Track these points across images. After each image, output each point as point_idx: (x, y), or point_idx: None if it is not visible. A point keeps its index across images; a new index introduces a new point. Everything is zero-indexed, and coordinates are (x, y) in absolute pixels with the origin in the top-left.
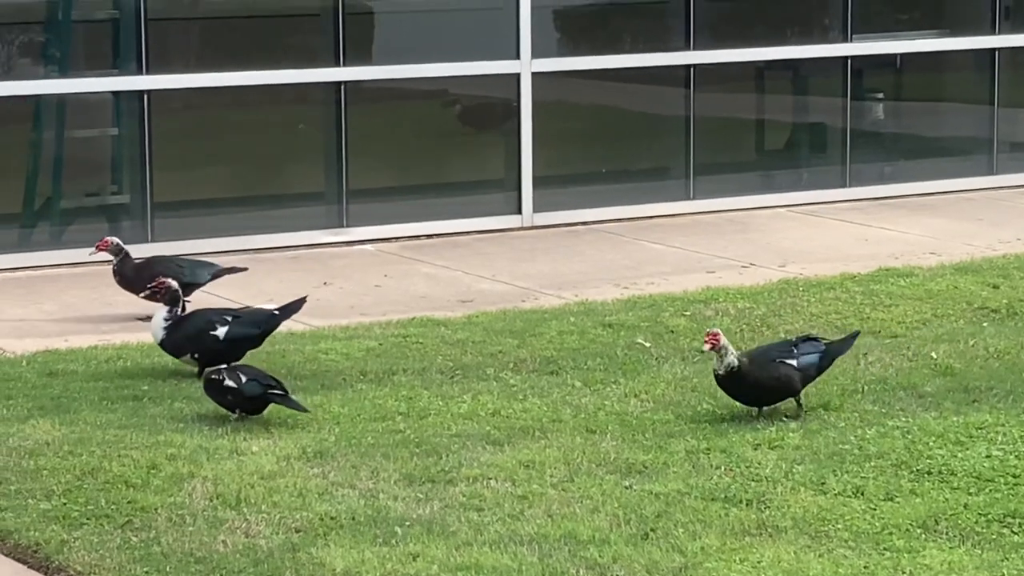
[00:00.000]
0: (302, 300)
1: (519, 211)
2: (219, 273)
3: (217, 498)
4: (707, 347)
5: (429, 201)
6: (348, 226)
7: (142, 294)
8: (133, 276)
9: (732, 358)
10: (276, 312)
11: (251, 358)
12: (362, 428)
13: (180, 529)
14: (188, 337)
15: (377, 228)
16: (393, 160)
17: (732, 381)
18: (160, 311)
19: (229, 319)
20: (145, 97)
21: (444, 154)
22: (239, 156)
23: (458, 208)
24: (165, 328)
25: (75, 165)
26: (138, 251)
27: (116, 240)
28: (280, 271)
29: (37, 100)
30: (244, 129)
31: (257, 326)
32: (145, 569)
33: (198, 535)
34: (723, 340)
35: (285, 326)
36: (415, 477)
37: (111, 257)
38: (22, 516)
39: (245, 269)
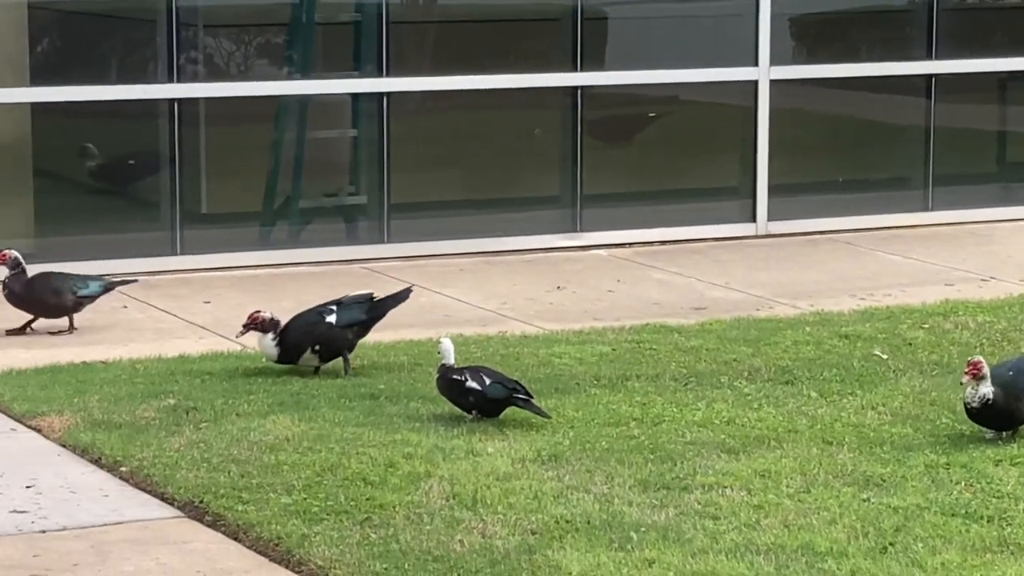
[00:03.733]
0: (407, 290)
1: (754, 219)
2: (110, 287)
3: (453, 498)
4: (967, 378)
5: (663, 207)
6: (582, 231)
7: (238, 335)
8: (22, 291)
9: (987, 389)
10: (375, 298)
11: (487, 359)
12: (596, 433)
13: (418, 527)
14: (304, 332)
15: (610, 233)
16: (627, 165)
17: (984, 413)
18: (265, 337)
19: (334, 308)
20: (384, 99)
21: (678, 160)
22: (474, 159)
23: (692, 215)
24: (277, 346)
25: (314, 165)
26: (374, 251)
27: (15, 254)
28: (513, 274)
29: (279, 101)
30: (480, 132)
31: (362, 311)
32: (384, 566)
33: (435, 534)
34: (985, 369)
35: (519, 328)
36: (650, 483)
37: (7, 271)
38: (263, 510)
39: (135, 281)
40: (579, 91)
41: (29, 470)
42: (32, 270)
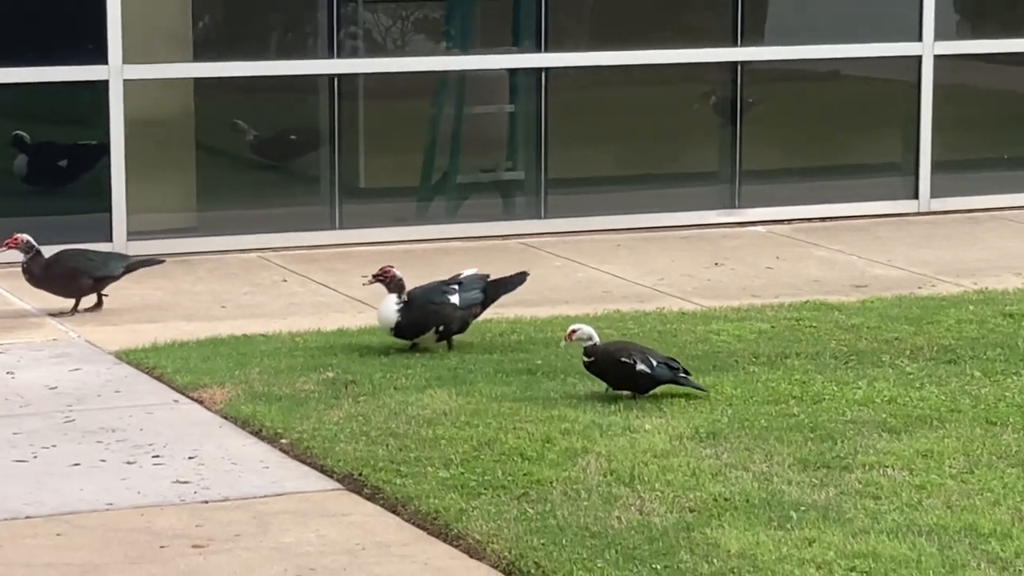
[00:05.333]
0: (523, 275)
1: (916, 196)
2: (133, 266)
3: (611, 474)
4: None
5: (822, 183)
6: (740, 207)
7: (365, 281)
8: (40, 274)
9: None
10: (489, 279)
11: (644, 336)
12: (755, 410)
13: (575, 503)
14: (428, 313)
15: (769, 210)
16: (787, 141)
17: None
18: (389, 299)
19: (455, 287)
20: (542, 75)
21: (838, 136)
22: (631, 134)
23: (852, 191)
24: (399, 312)
25: (472, 141)
26: (531, 227)
27: (27, 237)
28: (671, 250)
29: (437, 76)
30: (637, 108)
31: (480, 291)
32: (541, 541)
33: (592, 510)
34: None
35: (676, 304)
36: (809, 462)
37: (21, 255)
38: (421, 484)
39: (162, 261)
40: (739, 66)
41: (191, 441)
42: (170, 246)
